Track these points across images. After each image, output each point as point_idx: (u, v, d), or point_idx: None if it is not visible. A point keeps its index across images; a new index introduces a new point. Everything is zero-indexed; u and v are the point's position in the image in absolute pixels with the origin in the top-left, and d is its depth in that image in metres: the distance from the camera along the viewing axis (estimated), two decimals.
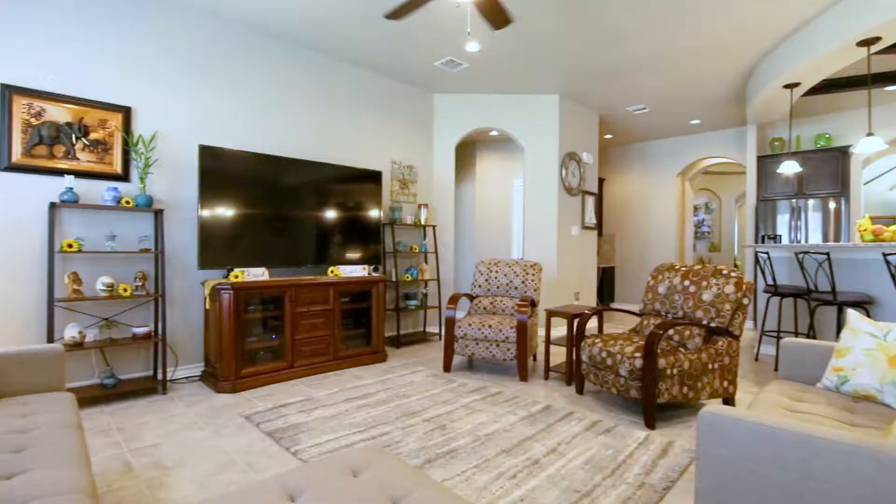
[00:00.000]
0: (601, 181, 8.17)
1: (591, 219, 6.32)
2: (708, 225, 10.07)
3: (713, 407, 1.31)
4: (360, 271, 4.17)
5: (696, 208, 10.08)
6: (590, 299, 6.39)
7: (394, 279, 4.96)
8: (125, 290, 3.11)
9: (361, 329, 4.27)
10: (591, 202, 6.32)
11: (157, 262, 3.41)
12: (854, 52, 3.70)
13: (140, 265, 3.41)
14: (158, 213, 3.36)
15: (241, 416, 2.87)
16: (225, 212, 3.57)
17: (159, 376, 3.44)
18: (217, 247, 3.53)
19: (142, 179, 3.27)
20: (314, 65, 4.46)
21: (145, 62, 3.44)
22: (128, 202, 3.16)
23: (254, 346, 3.58)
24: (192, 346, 3.69)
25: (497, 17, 2.88)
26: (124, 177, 3.33)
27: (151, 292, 3.39)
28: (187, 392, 3.34)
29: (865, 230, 3.80)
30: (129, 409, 2.96)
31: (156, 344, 3.44)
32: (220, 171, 3.55)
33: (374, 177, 4.58)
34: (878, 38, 3.46)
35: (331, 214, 4.25)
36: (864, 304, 3.70)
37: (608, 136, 7.66)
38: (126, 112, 3.33)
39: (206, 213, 3.47)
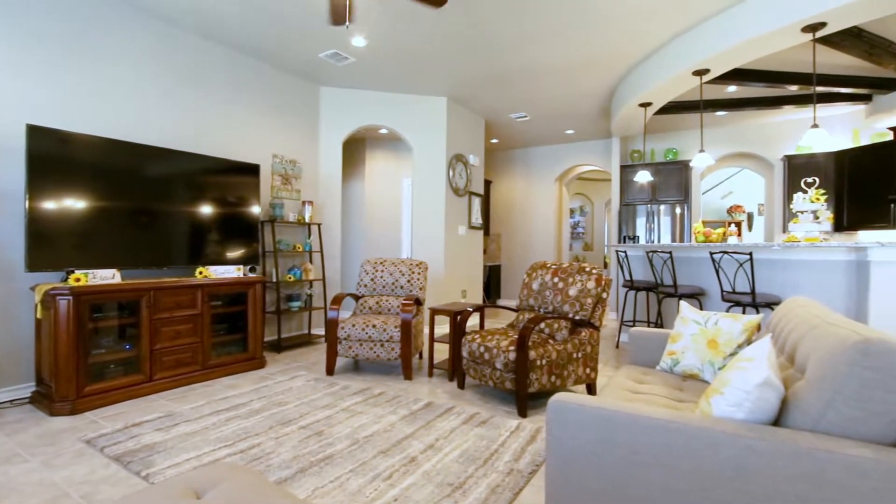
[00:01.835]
0: (488, 183, 8.55)
1: (477, 219, 6.57)
2: (583, 226, 11.08)
3: (560, 395, 1.42)
4: (233, 272, 3.87)
5: (572, 211, 11.03)
6: (476, 297, 6.64)
7: (274, 280, 4.68)
8: None
9: (237, 334, 3.96)
10: (477, 203, 6.57)
11: None
12: (690, 79, 4.31)
13: None
14: None
15: (82, 440, 2.49)
16: (64, 205, 3.07)
17: None
18: (54, 245, 3.02)
19: None
20: (184, 45, 4.02)
21: None
22: None
23: (102, 359, 3.12)
24: (17, 362, 3.12)
25: None
26: None
27: None
28: (10, 418, 2.81)
29: (699, 232, 4.45)
30: None
31: None
32: (56, 157, 3.04)
33: (251, 170, 4.27)
34: (707, 70, 4.07)
35: (202, 210, 3.87)
36: (698, 296, 4.34)
37: (494, 141, 8.04)
38: None
39: (37, 205, 2.95)
